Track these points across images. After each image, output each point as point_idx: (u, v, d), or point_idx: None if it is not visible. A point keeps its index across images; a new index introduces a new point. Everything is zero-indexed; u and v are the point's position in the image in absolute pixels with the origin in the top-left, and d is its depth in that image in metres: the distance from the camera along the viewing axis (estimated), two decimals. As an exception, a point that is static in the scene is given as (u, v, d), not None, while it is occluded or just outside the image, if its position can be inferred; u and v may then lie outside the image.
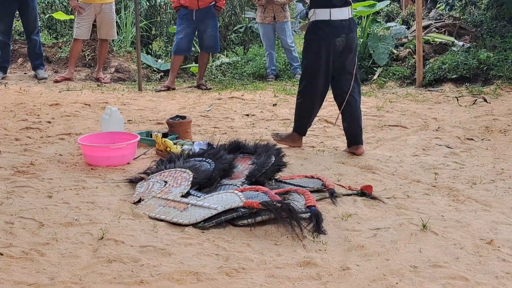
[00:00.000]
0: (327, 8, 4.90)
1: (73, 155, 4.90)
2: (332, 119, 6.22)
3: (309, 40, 5.06)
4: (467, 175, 4.47)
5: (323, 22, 4.93)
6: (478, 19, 8.69)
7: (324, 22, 4.92)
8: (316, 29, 4.97)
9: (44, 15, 10.23)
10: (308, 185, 4.08)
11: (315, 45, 4.98)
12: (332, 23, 4.92)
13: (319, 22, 4.94)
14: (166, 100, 7.35)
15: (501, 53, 7.79)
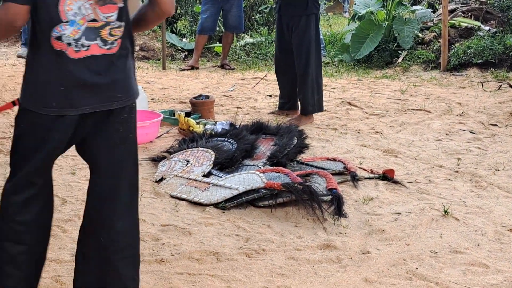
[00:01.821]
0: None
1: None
2: (355, 101, 6.20)
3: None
4: (490, 161, 4.43)
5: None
6: (505, 4, 8.56)
7: None
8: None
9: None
10: (330, 167, 4.08)
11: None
12: None
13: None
14: (190, 79, 7.37)
15: (528, 38, 7.68)
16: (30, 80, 2.20)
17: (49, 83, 2.16)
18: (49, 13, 2.11)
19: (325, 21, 10.42)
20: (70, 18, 2.12)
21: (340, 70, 7.87)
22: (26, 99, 2.20)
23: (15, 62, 7.92)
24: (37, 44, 2.15)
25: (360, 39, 8.06)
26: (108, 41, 2.19)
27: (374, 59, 8.01)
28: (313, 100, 5.36)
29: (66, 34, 2.13)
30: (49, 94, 2.16)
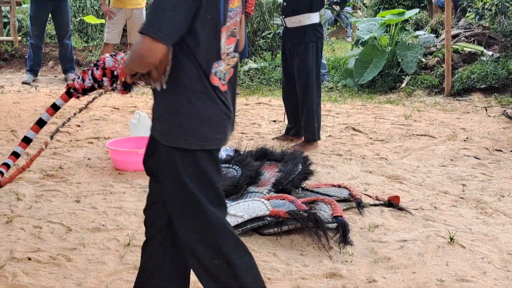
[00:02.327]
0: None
1: (101, 159, 4.95)
2: (359, 127, 6.20)
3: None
4: (495, 187, 4.42)
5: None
6: (507, 29, 8.59)
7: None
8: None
9: (75, 18, 10.35)
10: (335, 194, 4.08)
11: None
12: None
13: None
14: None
15: (531, 63, 7.69)
16: (190, 117, 2.18)
17: (215, 117, 2.21)
18: (210, 50, 2.18)
19: (329, 46, 10.46)
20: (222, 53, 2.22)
21: (344, 95, 7.88)
22: (183, 138, 2.18)
23: (20, 89, 7.96)
24: (195, 81, 2.17)
25: (363, 64, 8.09)
26: (228, 69, 2.28)
27: (377, 84, 8.04)
28: (313, 128, 5.38)
29: (220, 70, 2.21)
30: (212, 127, 2.21)
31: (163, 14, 2.06)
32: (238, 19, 2.30)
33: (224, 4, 2.20)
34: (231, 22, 2.26)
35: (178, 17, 2.07)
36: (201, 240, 2.23)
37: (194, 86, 2.17)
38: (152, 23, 2.06)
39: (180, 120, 2.18)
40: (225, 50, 2.24)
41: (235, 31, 2.29)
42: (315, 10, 5.34)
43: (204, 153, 2.20)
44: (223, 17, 2.21)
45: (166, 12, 2.06)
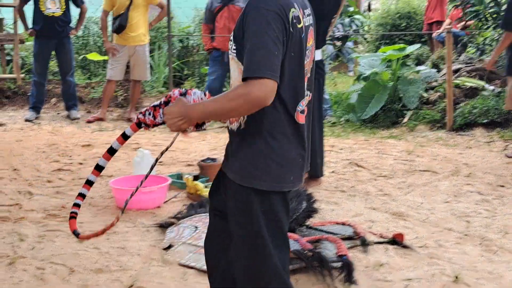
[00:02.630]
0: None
1: (104, 198, 4.95)
2: (362, 162, 6.20)
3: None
4: (499, 224, 4.40)
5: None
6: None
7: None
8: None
9: (78, 55, 10.44)
10: (339, 232, 4.06)
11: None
12: None
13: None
14: (197, 140, 7.40)
15: (533, 97, 7.71)
16: (268, 157, 2.16)
17: (293, 158, 2.20)
18: (296, 87, 2.19)
19: (331, 81, 10.52)
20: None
21: (347, 130, 7.90)
22: (259, 179, 2.17)
23: (23, 126, 8.00)
24: (276, 120, 2.16)
25: (365, 99, 8.12)
26: (304, 108, 2.27)
27: (380, 119, 8.06)
28: (316, 164, 5.36)
29: (303, 107, 2.23)
30: (289, 169, 2.20)
31: (267, 53, 2.05)
32: (311, 58, 2.33)
33: (306, 42, 2.23)
34: (307, 60, 2.28)
35: (279, 55, 2.08)
36: (253, 280, 2.24)
37: (274, 125, 2.16)
38: (260, 64, 2.04)
39: (257, 161, 2.16)
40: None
41: (308, 70, 2.32)
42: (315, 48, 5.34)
43: (278, 195, 2.19)
44: (305, 55, 2.24)
45: (269, 51, 2.05)
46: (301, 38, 2.18)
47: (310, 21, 2.30)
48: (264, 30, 2.06)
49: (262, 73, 2.02)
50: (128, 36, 8.21)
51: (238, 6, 7.82)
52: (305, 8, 2.28)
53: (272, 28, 2.06)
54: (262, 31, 2.06)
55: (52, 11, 8.19)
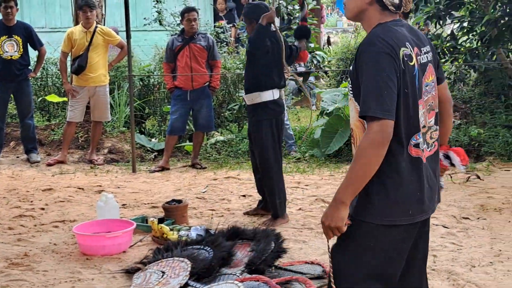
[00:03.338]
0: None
1: (68, 244, 4.83)
2: (329, 198, 6.20)
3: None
4: (465, 257, 4.42)
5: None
6: (467, 96, 8.82)
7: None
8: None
9: (37, 97, 10.29)
10: (308, 271, 4.03)
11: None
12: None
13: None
14: (161, 181, 7.32)
15: (492, 129, 7.86)
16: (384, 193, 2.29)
17: (408, 192, 2.29)
18: (410, 123, 2.30)
19: (294, 115, 10.57)
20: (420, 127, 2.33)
21: (312, 165, 7.91)
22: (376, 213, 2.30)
23: None
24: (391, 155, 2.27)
25: (329, 134, 8.17)
26: (430, 143, 2.39)
27: (344, 153, 8.10)
28: (275, 204, 5.37)
29: (421, 142, 2.32)
30: (407, 202, 2.29)
31: (379, 94, 2.22)
32: (434, 93, 2.47)
33: (418, 78, 2.36)
34: (429, 96, 2.42)
35: (391, 93, 2.22)
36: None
37: (392, 162, 2.28)
38: (373, 105, 2.21)
39: (370, 197, 2.30)
40: (426, 123, 2.38)
41: (433, 105, 2.45)
42: (264, 89, 5.32)
43: (393, 228, 2.30)
44: (419, 91, 2.36)
45: (381, 92, 2.21)
46: (413, 76, 2.32)
47: (429, 57, 2.46)
48: (376, 72, 2.24)
49: (373, 112, 2.20)
50: (88, 77, 8.13)
51: (199, 45, 7.83)
52: (422, 46, 2.45)
53: (382, 68, 2.23)
54: (373, 73, 2.24)
55: (10, 54, 8.07)
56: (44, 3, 14.30)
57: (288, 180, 7.08)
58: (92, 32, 8.09)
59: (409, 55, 2.33)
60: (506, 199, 5.92)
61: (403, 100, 2.28)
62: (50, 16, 14.33)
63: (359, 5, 2.44)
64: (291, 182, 6.98)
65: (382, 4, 2.42)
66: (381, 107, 2.20)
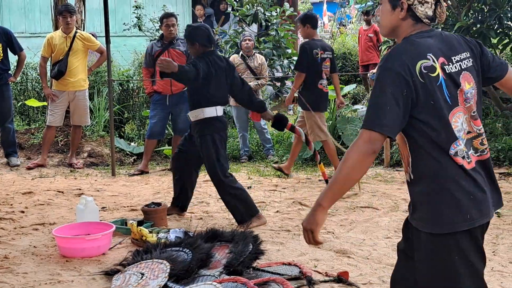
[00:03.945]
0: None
1: (48, 247, 4.88)
2: (306, 201, 6.31)
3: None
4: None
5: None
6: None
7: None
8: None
9: (17, 101, 10.29)
10: (285, 272, 4.12)
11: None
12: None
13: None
14: (140, 184, 7.38)
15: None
16: (434, 204, 2.34)
17: (457, 200, 2.33)
18: (444, 133, 2.34)
19: (271, 121, 10.68)
20: (458, 135, 2.36)
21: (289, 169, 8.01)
22: (432, 223, 2.35)
23: None
24: (437, 166, 2.34)
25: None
26: (479, 149, 2.43)
27: (320, 157, 8.20)
28: (239, 210, 5.48)
29: (461, 149, 2.35)
30: (458, 210, 2.32)
31: (379, 109, 2.30)
32: (477, 99, 2.47)
33: (447, 87, 2.37)
34: (470, 103, 2.43)
35: (393, 109, 2.28)
36: None
37: (437, 171, 2.34)
38: (370, 119, 2.30)
39: (429, 207, 2.35)
40: (472, 129, 2.42)
41: (477, 111, 2.46)
42: (206, 105, 5.45)
43: (455, 236, 2.32)
44: (452, 99, 2.38)
45: (381, 108, 2.29)
46: (437, 86, 2.35)
47: (464, 65, 2.46)
48: (380, 89, 2.32)
49: (369, 126, 2.29)
50: (67, 82, 8.18)
51: (178, 50, 7.90)
52: (454, 54, 2.45)
53: (387, 85, 2.31)
54: (378, 90, 2.33)
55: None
56: (24, 8, 14.28)
57: (266, 183, 7.20)
58: (72, 37, 8.14)
59: (430, 66, 2.35)
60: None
61: (432, 112, 2.33)
62: (30, 21, 14.31)
63: (394, 22, 2.49)
64: (269, 185, 7.08)
65: (415, 18, 2.47)
66: (374, 120, 2.28)
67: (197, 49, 5.51)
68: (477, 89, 2.49)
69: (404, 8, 2.46)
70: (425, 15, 2.46)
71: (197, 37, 5.49)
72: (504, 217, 5.61)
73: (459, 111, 2.38)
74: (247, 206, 5.50)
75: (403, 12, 2.46)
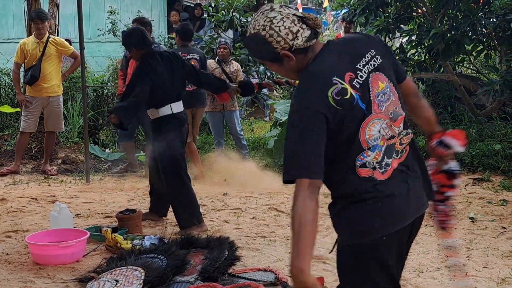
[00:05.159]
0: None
1: (21, 254, 4.81)
2: (282, 207, 6.30)
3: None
4: (414, 263, 4.56)
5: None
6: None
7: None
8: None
9: (-11, 107, 10.16)
10: (261, 278, 4.11)
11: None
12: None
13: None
14: (114, 191, 7.32)
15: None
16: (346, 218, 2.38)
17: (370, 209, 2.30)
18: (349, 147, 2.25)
19: (248, 126, 10.68)
20: (372, 144, 2.25)
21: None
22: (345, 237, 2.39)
23: None
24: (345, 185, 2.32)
25: (282, 145, 8.29)
26: (399, 150, 2.33)
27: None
28: (180, 216, 5.45)
29: (370, 160, 2.26)
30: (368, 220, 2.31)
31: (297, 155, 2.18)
32: (394, 98, 2.32)
33: (363, 100, 2.24)
34: (387, 104, 2.29)
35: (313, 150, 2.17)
36: None
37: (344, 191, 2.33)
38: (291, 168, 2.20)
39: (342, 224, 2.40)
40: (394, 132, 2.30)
41: (397, 110, 2.32)
42: (160, 105, 5.44)
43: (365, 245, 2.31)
44: (368, 109, 2.25)
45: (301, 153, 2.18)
46: (353, 105, 2.22)
47: (372, 65, 2.31)
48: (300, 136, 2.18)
49: (293, 175, 2.20)
50: (41, 88, 8.10)
51: None
52: (359, 59, 2.30)
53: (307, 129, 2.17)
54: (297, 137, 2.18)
55: (-38, 63, 8.00)
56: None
57: (242, 189, 7.17)
58: (45, 43, 8.07)
59: (340, 90, 2.21)
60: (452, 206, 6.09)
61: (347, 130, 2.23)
62: (3, 27, 14.17)
63: (292, 69, 2.34)
64: (245, 192, 7.06)
65: (302, 50, 2.29)
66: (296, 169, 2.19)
67: (136, 53, 5.52)
68: (393, 84, 2.35)
69: (287, 56, 2.29)
70: (305, 40, 2.28)
71: (131, 43, 5.50)
72: (478, 222, 5.66)
73: (373, 118, 2.25)
74: (192, 212, 5.46)
75: (289, 58, 2.30)
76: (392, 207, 2.29)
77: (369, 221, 2.28)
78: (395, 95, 2.34)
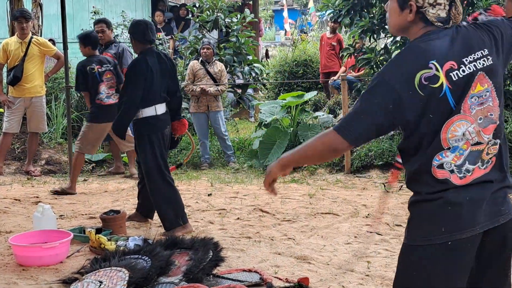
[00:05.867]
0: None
1: (3, 255, 4.78)
2: (266, 207, 6.30)
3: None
4: (398, 263, 4.57)
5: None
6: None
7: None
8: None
9: (-29, 108, 10.07)
10: (246, 279, 4.11)
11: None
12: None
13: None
14: (99, 192, 7.28)
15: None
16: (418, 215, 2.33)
17: (438, 211, 2.24)
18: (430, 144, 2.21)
19: (233, 127, 10.67)
20: (453, 145, 2.20)
21: (250, 176, 8.02)
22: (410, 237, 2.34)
23: None
24: (421, 182, 2.27)
25: (267, 146, 8.30)
26: (485, 160, 2.24)
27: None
28: (164, 217, 5.44)
29: (448, 161, 2.20)
30: (435, 222, 2.25)
31: (354, 118, 2.25)
32: (492, 104, 2.25)
33: (453, 96, 2.19)
34: (481, 108, 2.23)
35: (366, 120, 2.23)
36: None
37: (420, 187, 2.28)
38: (343, 124, 2.27)
39: (412, 221, 2.35)
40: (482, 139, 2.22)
41: (493, 117, 2.25)
42: (144, 106, 5.40)
43: (431, 248, 2.24)
44: (456, 107, 2.19)
45: (357, 117, 2.25)
46: (438, 97, 2.18)
47: (480, 65, 2.24)
48: (367, 99, 2.25)
49: (339, 129, 2.27)
50: (23, 88, 8.04)
51: (109, 53, 7.88)
52: (467, 55, 2.24)
53: (375, 97, 2.22)
54: (364, 99, 2.26)
55: None
56: (-21, 13, 14.00)
57: (227, 190, 7.17)
58: (28, 43, 8.01)
59: (431, 76, 2.17)
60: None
61: (428, 125, 2.19)
62: (-15, 27, 14.03)
63: (402, 23, 2.33)
64: (230, 192, 7.06)
65: (426, 21, 2.28)
66: (345, 127, 2.26)
67: (136, 45, 5.52)
68: (495, 90, 2.27)
69: (413, 10, 2.28)
70: (437, 18, 2.26)
71: (134, 33, 5.51)
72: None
73: (461, 118, 2.19)
74: (177, 214, 5.44)
75: (412, 14, 2.29)
76: (462, 212, 2.21)
77: (436, 223, 2.24)
78: (495, 101, 2.26)
